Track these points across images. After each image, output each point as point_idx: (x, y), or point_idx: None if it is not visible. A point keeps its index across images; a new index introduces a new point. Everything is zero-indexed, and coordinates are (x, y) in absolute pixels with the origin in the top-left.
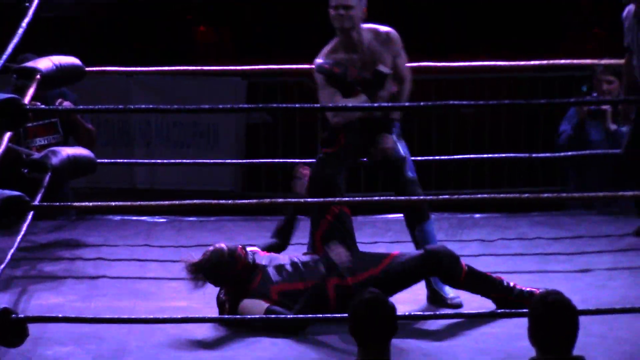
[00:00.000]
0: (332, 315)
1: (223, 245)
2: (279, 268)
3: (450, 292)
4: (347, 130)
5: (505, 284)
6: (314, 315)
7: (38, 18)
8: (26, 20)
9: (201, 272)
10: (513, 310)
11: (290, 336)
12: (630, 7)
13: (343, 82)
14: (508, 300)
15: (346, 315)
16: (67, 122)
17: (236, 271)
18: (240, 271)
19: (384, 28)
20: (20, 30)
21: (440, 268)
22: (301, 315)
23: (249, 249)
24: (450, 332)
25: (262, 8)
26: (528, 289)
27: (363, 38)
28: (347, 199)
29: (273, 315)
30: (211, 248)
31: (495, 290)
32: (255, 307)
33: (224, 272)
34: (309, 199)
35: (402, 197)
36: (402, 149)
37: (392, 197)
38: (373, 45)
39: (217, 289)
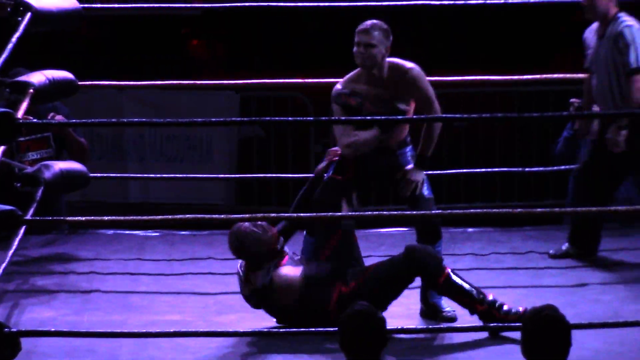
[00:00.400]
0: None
1: (264, 223)
2: (297, 260)
3: (446, 305)
4: (358, 163)
5: (489, 298)
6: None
7: (31, 32)
8: (16, 34)
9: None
10: (506, 325)
11: (284, 351)
12: (592, 27)
13: (358, 115)
14: (493, 315)
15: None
16: (60, 136)
17: (269, 249)
18: (270, 251)
19: (408, 65)
20: (10, 45)
21: (420, 264)
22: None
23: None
24: (443, 346)
25: (255, 23)
26: (515, 309)
27: (384, 74)
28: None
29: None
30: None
31: (477, 301)
32: (293, 272)
33: (260, 247)
34: (304, 215)
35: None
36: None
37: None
38: (392, 82)
39: (209, 303)
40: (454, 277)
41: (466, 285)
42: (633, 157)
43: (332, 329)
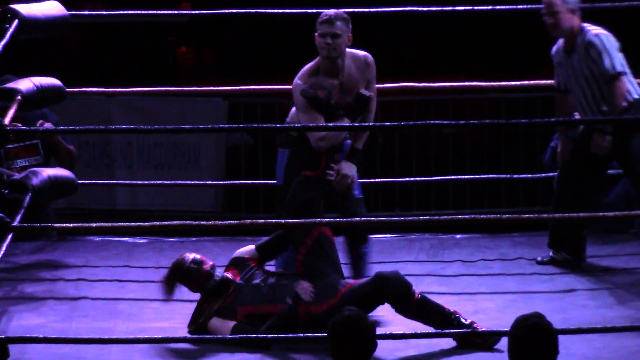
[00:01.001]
0: (303, 335)
1: (191, 255)
2: (255, 288)
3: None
4: (329, 154)
5: (461, 320)
6: (280, 335)
7: (18, 39)
8: (3, 42)
9: (169, 276)
10: (494, 330)
11: (273, 355)
12: (558, 44)
13: (327, 107)
14: (468, 339)
15: (313, 335)
16: (48, 143)
17: (198, 281)
18: (202, 282)
19: (362, 53)
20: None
21: (388, 292)
22: (265, 335)
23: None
24: (430, 354)
25: (243, 30)
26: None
27: (344, 63)
28: (326, 220)
29: (238, 336)
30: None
31: (450, 324)
32: (222, 327)
33: (187, 278)
34: (289, 220)
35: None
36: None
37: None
38: (352, 70)
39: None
40: (425, 301)
41: (437, 308)
42: (618, 160)
43: (321, 335)
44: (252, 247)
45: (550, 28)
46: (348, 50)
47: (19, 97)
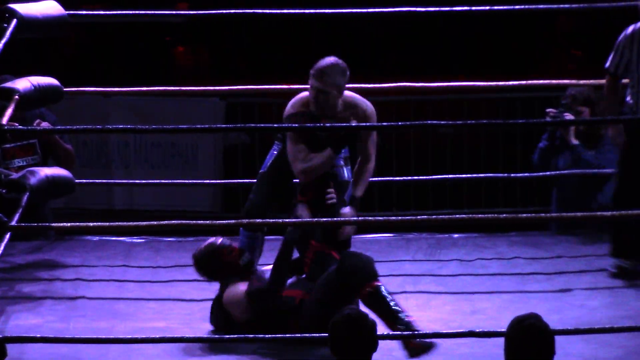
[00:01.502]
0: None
1: (220, 238)
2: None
3: None
4: (317, 185)
5: (405, 320)
6: (278, 335)
7: (16, 39)
8: (2, 41)
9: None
10: (492, 330)
11: (270, 356)
12: (637, 26)
13: (313, 139)
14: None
15: (317, 335)
16: (45, 142)
17: (221, 263)
18: (226, 265)
19: (363, 104)
20: None
21: (347, 273)
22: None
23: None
24: (429, 353)
25: (239, 29)
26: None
27: (340, 108)
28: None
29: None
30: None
31: (396, 323)
32: (237, 291)
33: (211, 262)
34: (286, 220)
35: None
36: (347, 173)
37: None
38: (346, 116)
39: (194, 310)
40: (380, 293)
41: (391, 304)
42: None
43: (324, 335)
44: None
45: None
46: (351, 97)
47: (17, 97)
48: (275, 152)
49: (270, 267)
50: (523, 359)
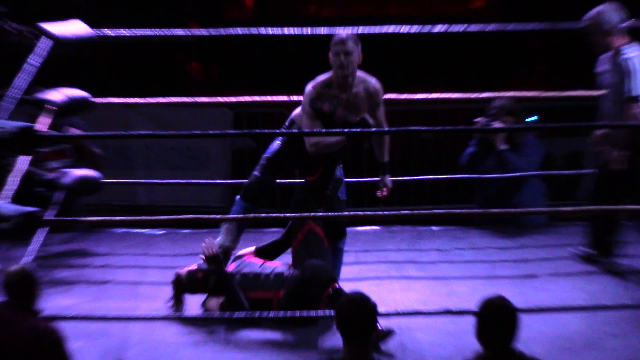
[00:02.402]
0: (316, 313)
1: (182, 271)
2: (244, 276)
3: None
4: (326, 161)
5: None
6: (296, 314)
7: (52, 57)
8: (39, 59)
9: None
10: (466, 309)
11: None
12: (604, 55)
13: (329, 119)
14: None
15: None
16: (77, 147)
17: (196, 287)
18: (201, 286)
19: (373, 79)
20: (33, 68)
21: (307, 281)
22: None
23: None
24: (410, 329)
25: (245, 48)
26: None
27: (355, 82)
28: (320, 214)
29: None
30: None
31: None
32: (214, 303)
33: (188, 289)
34: (288, 214)
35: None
36: (339, 171)
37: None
38: (359, 89)
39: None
40: (340, 294)
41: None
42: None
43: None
44: (252, 248)
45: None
46: (360, 73)
47: (53, 107)
48: (279, 143)
49: (251, 256)
50: (491, 333)
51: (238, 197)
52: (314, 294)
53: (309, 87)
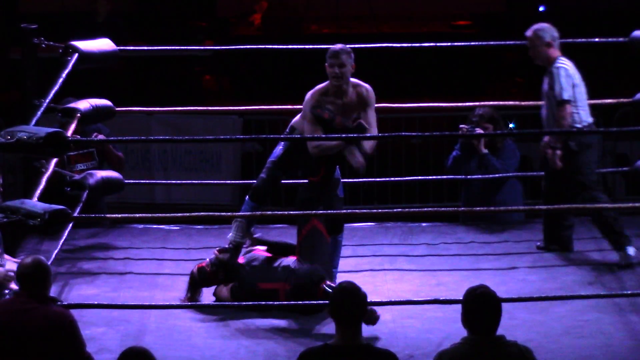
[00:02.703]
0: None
1: (194, 268)
2: (253, 268)
3: None
4: (327, 163)
5: None
6: (299, 302)
7: (77, 69)
8: (66, 71)
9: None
10: (452, 299)
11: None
12: None
13: (328, 126)
14: None
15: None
16: (101, 150)
17: (209, 281)
18: (212, 279)
19: (365, 85)
20: (61, 79)
21: (302, 284)
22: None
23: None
24: (401, 316)
25: (254, 62)
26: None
27: (349, 88)
28: (320, 212)
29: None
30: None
31: None
32: (224, 290)
33: (202, 284)
34: (292, 212)
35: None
36: (337, 170)
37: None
38: (353, 95)
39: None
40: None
41: None
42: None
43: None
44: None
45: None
46: (353, 80)
47: (79, 115)
48: (281, 148)
49: (260, 250)
50: (476, 320)
51: (247, 197)
52: (311, 291)
53: (308, 96)
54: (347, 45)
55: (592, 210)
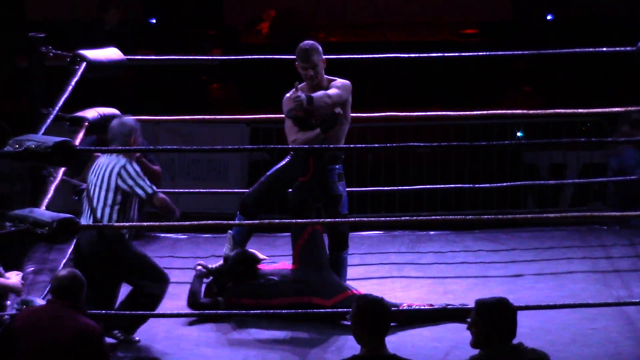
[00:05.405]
0: (333, 310)
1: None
2: (251, 284)
3: None
4: (315, 160)
5: None
6: (309, 311)
7: (85, 78)
8: (74, 79)
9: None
10: (463, 307)
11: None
12: None
13: (304, 123)
14: None
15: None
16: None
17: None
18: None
19: (339, 78)
20: (69, 88)
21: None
22: (303, 311)
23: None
24: (412, 325)
25: (261, 71)
26: None
27: (323, 83)
28: (327, 220)
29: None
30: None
31: None
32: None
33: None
34: (292, 220)
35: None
36: (340, 187)
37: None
38: (329, 85)
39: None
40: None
41: None
42: None
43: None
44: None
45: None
46: (328, 77)
47: (86, 124)
48: (282, 163)
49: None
50: (495, 329)
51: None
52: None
53: (285, 96)
54: (355, 55)
55: None
